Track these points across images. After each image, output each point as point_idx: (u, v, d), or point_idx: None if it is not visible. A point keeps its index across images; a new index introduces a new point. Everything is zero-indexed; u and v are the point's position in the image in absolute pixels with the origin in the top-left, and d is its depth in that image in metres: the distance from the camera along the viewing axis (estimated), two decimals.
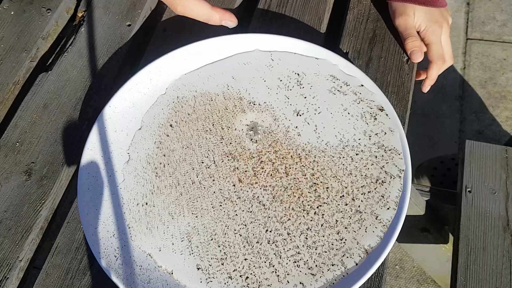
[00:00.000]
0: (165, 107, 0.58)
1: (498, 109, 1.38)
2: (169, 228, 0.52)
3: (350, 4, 0.67)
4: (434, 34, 0.60)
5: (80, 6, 0.72)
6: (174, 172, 0.54)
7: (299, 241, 0.50)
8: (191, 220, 0.52)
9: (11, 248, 0.55)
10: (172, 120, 0.57)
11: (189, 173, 0.54)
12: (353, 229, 0.50)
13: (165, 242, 0.51)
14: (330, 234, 0.50)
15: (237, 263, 0.49)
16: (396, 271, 1.21)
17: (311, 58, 0.59)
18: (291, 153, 0.54)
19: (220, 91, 0.58)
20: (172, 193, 0.53)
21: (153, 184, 0.54)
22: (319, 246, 0.49)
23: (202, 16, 0.61)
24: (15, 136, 0.62)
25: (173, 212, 0.52)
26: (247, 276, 0.49)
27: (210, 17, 0.61)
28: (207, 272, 0.49)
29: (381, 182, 0.52)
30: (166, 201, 0.53)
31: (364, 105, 0.56)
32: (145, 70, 0.59)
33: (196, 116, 0.57)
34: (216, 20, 0.61)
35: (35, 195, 0.58)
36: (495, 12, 1.54)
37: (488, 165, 0.74)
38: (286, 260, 0.49)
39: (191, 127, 0.57)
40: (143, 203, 0.53)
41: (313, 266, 0.48)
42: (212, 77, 0.59)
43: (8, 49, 0.68)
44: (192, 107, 0.58)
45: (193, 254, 0.50)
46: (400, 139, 0.54)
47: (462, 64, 1.46)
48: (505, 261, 0.65)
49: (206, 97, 0.58)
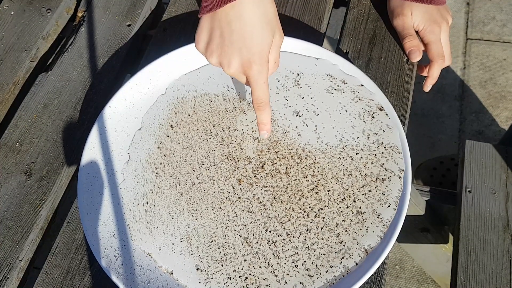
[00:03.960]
0: (165, 107, 0.58)
1: (498, 109, 1.38)
2: (169, 228, 0.52)
3: (350, 4, 0.68)
4: (433, 33, 0.60)
5: (80, 6, 0.72)
6: (175, 173, 0.54)
7: (298, 242, 0.50)
8: (190, 222, 0.52)
9: (11, 248, 0.55)
10: (173, 121, 0.57)
11: (190, 174, 0.54)
12: (353, 230, 0.50)
13: (164, 242, 0.51)
14: (330, 237, 0.50)
15: (237, 264, 0.49)
16: (396, 271, 1.21)
17: (311, 58, 0.59)
18: (292, 153, 0.54)
19: (220, 92, 0.58)
20: (172, 193, 0.53)
21: (153, 184, 0.54)
22: (318, 248, 0.49)
23: (261, 95, 0.51)
24: (15, 136, 0.62)
25: (173, 212, 0.52)
26: (246, 276, 0.49)
27: (265, 102, 0.52)
28: (206, 272, 0.49)
29: (382, 180, 0.52)
30: (166, 201, 0.53)
31: (362, 104, 0.56)
32: (145, 70, 0.59)
33: (196, 117, 0.57)
34: (262, 112, 0.52)
35: (35, 195, 0.58)
36: (495, 12, 1.54)
37: (488, 165, 0.74)
38: (284, 260, 0.49)
39: (192, 128, 0.57)
40: (144, 203, 0.53)
41: (311, 267, 0.48)
42: (212, 78, 0.59)
43: (8, 49, 0.68)
44: (192, 108, 0.58)
45: (193, 255, 0.50)
46: (400, 139, 0.54)
47: (462, 64, 1.46)
48: (505, 261, 0.65)
49: (205, 98, 0.58)
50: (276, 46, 0.52)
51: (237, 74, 0.52)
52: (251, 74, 0.50)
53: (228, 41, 0.50)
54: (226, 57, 0.51)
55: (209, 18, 0.51)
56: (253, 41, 0.49)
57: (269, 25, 0.50)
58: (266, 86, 0.51)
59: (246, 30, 0.49)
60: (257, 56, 0.50)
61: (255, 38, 0.49)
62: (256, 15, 0.49)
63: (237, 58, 0.50)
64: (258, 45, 0.49)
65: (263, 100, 0.51)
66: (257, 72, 0.50)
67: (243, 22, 0.49)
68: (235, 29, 0.49)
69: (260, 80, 0.50)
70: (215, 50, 0.51)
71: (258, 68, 0.50)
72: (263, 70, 0.50)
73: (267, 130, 0.53)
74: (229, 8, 0.49)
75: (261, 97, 0.51)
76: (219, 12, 0.50)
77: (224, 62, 0.51)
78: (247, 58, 0.50)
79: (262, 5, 0.49)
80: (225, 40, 0.50)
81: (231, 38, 0.50)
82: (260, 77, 0.50)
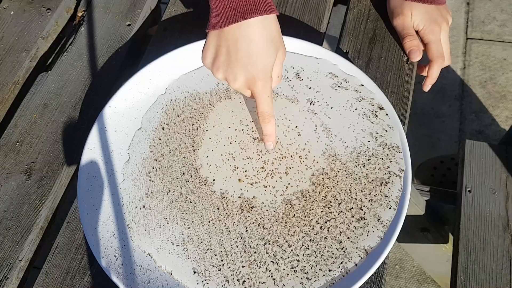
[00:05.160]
0: (160, 109, 0.58)
1: (498, 109, 1.38)
2: (165, 232, 0.51)
3: (350, 4, 0.68)
4: (433, 33, 0.60)
5: (80, 6, 0.72)
6: (163, 179, 0.54)
7: (300, 251, 0.49)
8: (184, 230, 0.51)
9: (11, 248, 0.55)
10: (164, 123, 0.57)
11: (175, 182, 0.54)
12: (355, 235, 0.50)
13: (162, 244, 0.51)
14: (332, 244, 0.49)
15: (234, 268, 0.49)
16: (396, 271, 1.21)
17: (311, 58, 0.59)
18: (301, 154, 0.54)
19: (208, 89, 0.58)
20: (164, 199, 0.53)
21: (148, 188, 0.54)
22: (319, 255, 0.49)
23: (266, 109, 0.53)
24: (15, 136, 0.62)
25: (167, 218, 0.52)
26: (244, 280, 0.49)
27: (270, 115, 0.54)
28: (204, 275, 0.49)
29: (385, 183, 0.52)
30: (160, 206, 0.53)
31: (366, 103, 0.56)
32: (145, 70, 0.59)
33: (182, 117, 0.57)
34: (268, 124, 0.54)
35: (35, 195, 0.58)
36: (495, 12, 1.54)
37: (488, 165, 0.74)
38: (283, 266, 0.49)
39: (177, 130, 0.56)
40: (141, 206, 0.53)
41: (310, 271, 0.48)
42: (206, 78, 0.59)
43: (8, 49, 0.68)
44: (181, 109, 0.58)
45: (190, 259, 0.50)
46: (400, 138, 0.54)
47: (462, 64, 1.46)
48: (505, 261, 0.65)
49: (194, 97, 0.58)
50: (280, 63, 0.55)
51: (242, 89, 0.54)
52: (256, 89, 0.53)
53: (234, 58, 0.52)
54: (232, 73, 0.53)
55: (216, 36, 0.54)
56: (258, 59, 0.52)
57: (273, 43, 0.52)
58: (271, 99, 0.53)
59: (251, 48, 0.52)
60: (262, 72, 0.52)
61: (260, 56, 0.52)
62: (261, 35, 0.51)
63: (243, 74, 0.52)
64: (262, 62, 0.52)
65: (268, 113, 0.53)
66: (262, 87, 0.53)
67: (249, 41, 0.51)
68: (241, 47, 0.52)
69: (265, 94, 0.53)
70: (221, 66, 0.54)
71: (263, 84, 0.52)
72: (267, 85, 0.53)
73: (273, 141, 0.55)
74: (236, 27, 0.51)
75: (266, 110, 0.53)
76: (225, 31, 0.52)
77: (230, 77, 0.53)
78: (252, 75, 0.52)
79: (266, 25, 0.52)
80: (231, 57, 0.52)
81: (237, 56, 0.52)
82: (265, 92, 0.53)
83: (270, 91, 0.53)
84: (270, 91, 0.53)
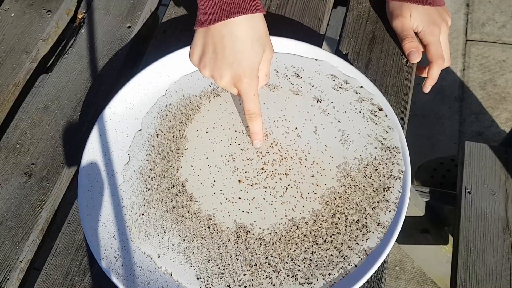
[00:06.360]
0: (156, 114, 0.58)
1: (498, 110, 1.38)
2: (164, 239, 0.51)
3: (350, 6, 0.68)
4: (432, 34, 0.61)
5: (80, 8, 0.72)
6: (157, 188, 0.54)
7: (301, 262, 0.49)
8: (181, 241, 0.51)
9: (11, 249, 0.55)
10: (158, 129, 0.57)
11: (167, 193, 0.54)
12: (356, 243, 0.49)
13: (163, 250, 0.51)
14: (333, 254, 0.49)
15: (236, 276, 0.49)
16: (396, 272, 1.21)
17: (311, 60, 0.59)
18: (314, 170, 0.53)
19: (198, 91, 0.58)
20: (159, 207, 0.53)
21: (144, 196, 0.54)
22: (320, 263, 0.49)
23: (252, 107, 0.53)
24: (15, 138, 0.62)
25: (164, 226, 0.52)
26: (245, 285, 0.49)
27: (256, 113, 0.54)
28: (206, 281, 0.49)
29: (387, 188, 0.52)
30: (156, 215, 0.53)
31: (367, 104, 0.56)
32: (145, 71, 0.59)
33: (174, 123, 0.57)
34: (254, 122, 0.54)
35: (35, 196, 0.58)
36: (494, 14, 1.54)
37: (488, 166, 0.74)
38: (284, 275, 0.49)
39: (167, 137, 0.56)
40: (140, 213, 0.53)
41: (310, 276, 0.48)
42: (200, 80, 0.59)
43: (8, 51, 0.69)
44: (173, 114, 0.57)
45: (193, 267, 0.50)
46: (399, 140, 0.54)
47: (461, 65, 1.47)
48: (504, 262, 0.65)
49: (186, 101, 0.58)
50: (267, 61, 0.55)
51: (228, 86, 0.54)
52: (241, 87, 0.53)
53: (221, 56, 0.52)
54: (218, 70, 0.53)
55: (203, 33, 0.54)
56: (244, 57, 0.52)
57: (259, 42, 0.53)
58: (257, 98, 0.54)
59: (237, 46, 0.52)
60: (247, 70, 0.52)
61: (245, 53, 0.52)
62: (247, 33, 0.52)
63: (229, 72, 0.53)
64: (248, 60, 0.52)
65: (254, 111, 0.54)
66: (248, 85, 0.53)
67: (235, 39, 0.52)
68: (227, 45, 0.52)
69: (250, 92, 0.53)
70: (208, 64, 0.54)
71: (248, 81, 0.53)
72: (252, 83, 0.53)
73: (260, 139, 0.55)
74: (222, 25, 0.52)
75: (252, 109, 0.53)
76: (212, 28, 0.53)
77: (216, 75, 0.54)
78: (238, 72, 0.52)
79: (252, 23, 0.52)
80: (217, 55, 0.53)
81: (223, 53, 0.52)
82: (250, 90, 0.53)
83: (256, 89, 0.54)
84: (256, 89, 0.53)
